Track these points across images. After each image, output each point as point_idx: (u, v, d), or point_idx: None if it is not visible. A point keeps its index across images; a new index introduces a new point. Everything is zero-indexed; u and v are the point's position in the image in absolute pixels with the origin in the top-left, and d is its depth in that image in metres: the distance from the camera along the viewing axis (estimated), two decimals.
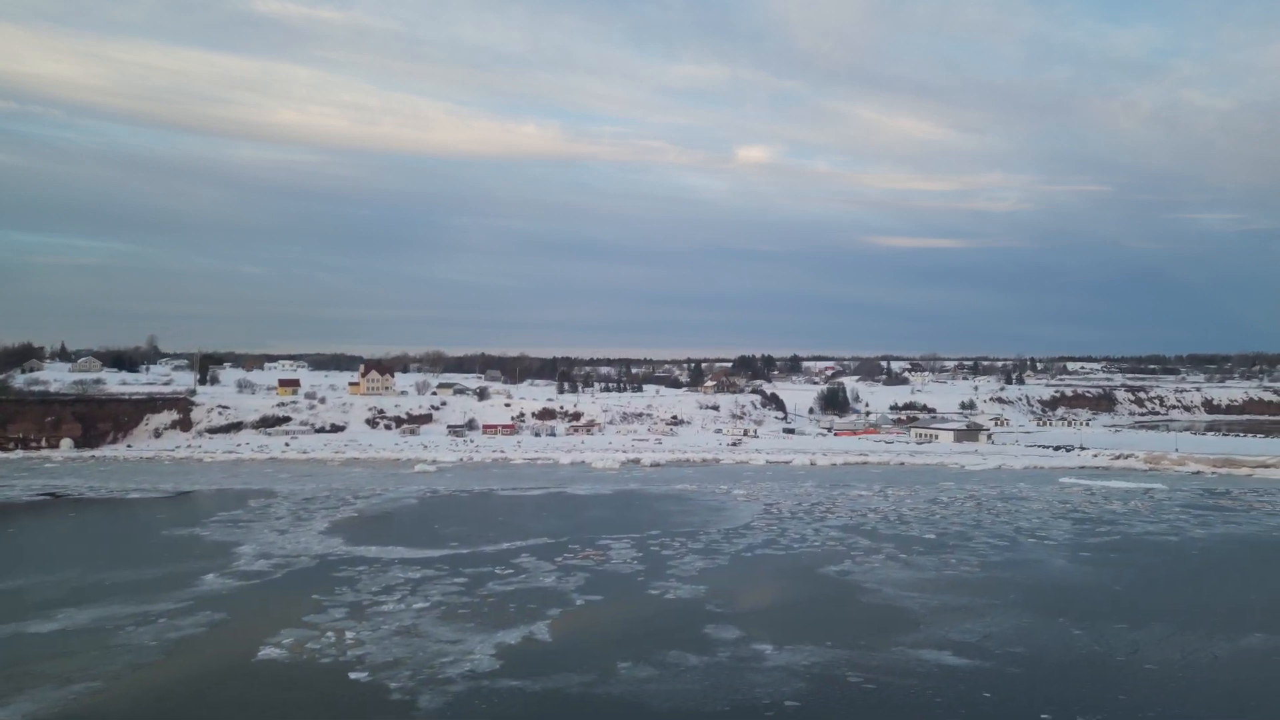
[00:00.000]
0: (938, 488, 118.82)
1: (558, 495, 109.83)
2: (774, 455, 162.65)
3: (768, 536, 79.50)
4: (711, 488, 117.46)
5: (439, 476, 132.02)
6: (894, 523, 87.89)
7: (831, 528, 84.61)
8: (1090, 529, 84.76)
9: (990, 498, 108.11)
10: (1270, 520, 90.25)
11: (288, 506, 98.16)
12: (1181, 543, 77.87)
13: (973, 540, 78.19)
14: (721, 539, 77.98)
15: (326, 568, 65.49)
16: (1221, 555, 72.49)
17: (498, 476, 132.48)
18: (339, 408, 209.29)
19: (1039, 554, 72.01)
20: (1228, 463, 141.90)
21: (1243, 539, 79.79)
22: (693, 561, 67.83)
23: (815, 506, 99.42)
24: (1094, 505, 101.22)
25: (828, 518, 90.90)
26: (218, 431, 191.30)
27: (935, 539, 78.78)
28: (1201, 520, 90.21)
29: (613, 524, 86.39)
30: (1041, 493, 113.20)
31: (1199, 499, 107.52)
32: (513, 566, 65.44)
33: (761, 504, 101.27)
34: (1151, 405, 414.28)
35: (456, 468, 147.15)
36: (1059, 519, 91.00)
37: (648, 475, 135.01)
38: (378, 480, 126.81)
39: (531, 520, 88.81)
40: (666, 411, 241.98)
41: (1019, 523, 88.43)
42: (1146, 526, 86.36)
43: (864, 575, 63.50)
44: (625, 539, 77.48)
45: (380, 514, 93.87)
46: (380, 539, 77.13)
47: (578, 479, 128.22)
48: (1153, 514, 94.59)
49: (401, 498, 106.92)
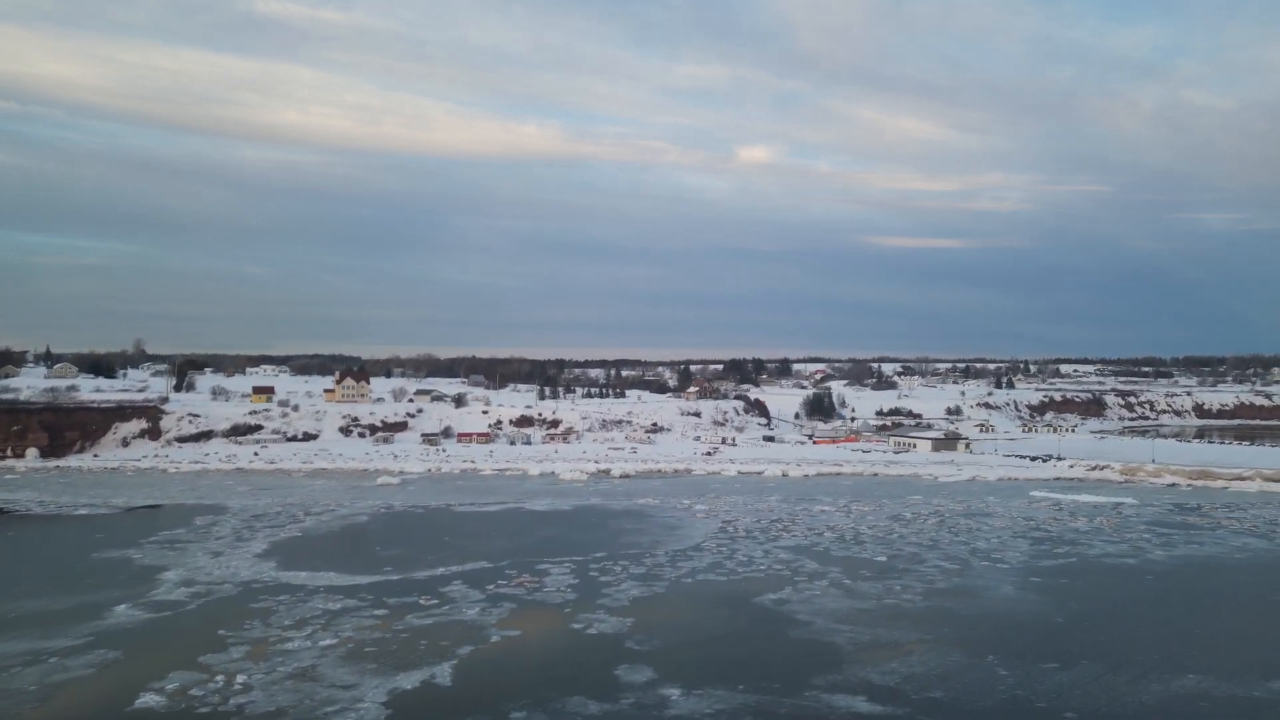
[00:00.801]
0: (904, 502, 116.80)
1: (514, 512, 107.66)
2: (747, 465, 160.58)
3: (715, 559, 77.39)
4: (674, 502, 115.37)
5: (400, 490, 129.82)
6: (848, 543, 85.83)
7: (783, 548, 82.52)
8: (1048, 550, 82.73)
9: (955, 514, 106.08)
10: (1234, 540, 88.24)
11: (233, 524, 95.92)
12: (1138, 566, 75.85)
13: (924, 563, 76.13)
14: (666, 563, 75.87)
15: (246, 597, 63.26)
16: (1176, 582, 70.46)
17: (461, 490, 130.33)
18: (312, 415, 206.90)
19: (988, 579, 69.94)
20: (1203, 474, 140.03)
21: (1202, 563, 77.76)
22: (628, 589, 65.69)
23: (773, 524, 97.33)
24: (1058, 523, 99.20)
25: (782, 537, 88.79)
26: (187, 440, 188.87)
27: (885, 562, 76.73)
28: (1164, 540, 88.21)
29: (560, 545, 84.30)
30: (1008, 508, 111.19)
31: (1167, 515, 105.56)
32: (439, 596, 63.25)
33: (719, 521, 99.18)
34: (1141, 410, 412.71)
35: (422, 479, 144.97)
36: (1018, 538, 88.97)
37: (614, 488, 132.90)
38: (337, 494, 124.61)
39: (478, 541, 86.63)
40: (647, 418, 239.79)
41: (977, 543, 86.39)
42: (1106, 547, 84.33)
43: (800, 605, 61.39)
44: (567, 562, 75.38)
45: (325, 533, 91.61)
46: (314, 563, 74.94)
47: (540, 493, 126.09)
48: (1116, 533, 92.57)
49: (354, 514, 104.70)
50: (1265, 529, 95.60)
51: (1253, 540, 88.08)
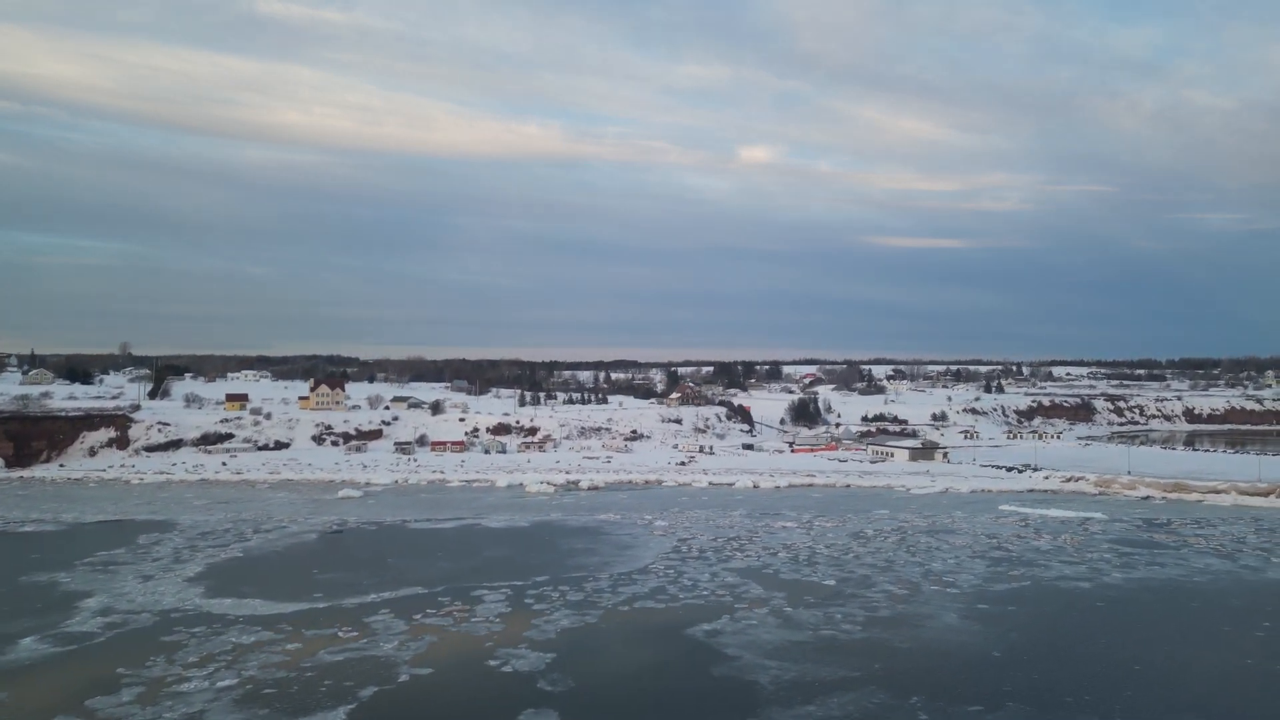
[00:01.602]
0: (869, 517, 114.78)
1: (469, 529, 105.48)
2: (719, 476, 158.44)
3: (659, 583, 75.25)
4: (636, 518, 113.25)
5: (359, 504, 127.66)
6: (800, 564, 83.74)
7: (732, 570, 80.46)
8: (1003, 573, 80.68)
9: (917, 530, 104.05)
10: (1197, 562, 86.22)
11: (176, 544, 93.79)
12: (1092, 591, 73.79)
13: (873, 588, 74.07)
14: (608, 588, 73.71)
15: (160, 629, 61.05)
16: (1127, 609, 68.42)
17: (422, 504, 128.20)
18: (285, 424, 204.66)
19: (934, 606, 67.86)
20: (1178, 487, 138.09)
21: (1159, 587, 75.73)
22: (559, 620, 63.54)
23: (730, 543, 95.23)
24: (1020, 541, 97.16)
25: (735, 558, 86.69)
26: (155, 450, 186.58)
27: (833, 586, 74.64)
28: (1125, 561, 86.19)
29: (505, 568, 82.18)
30: (973, 524, 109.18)
31: (1134, 532, 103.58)
32: (361, 627, 61.08)
33: (675, 539, 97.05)
34: (1131, 415, 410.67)
35: (386, 492, 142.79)
36: (976, 559, 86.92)
37: (578, 502, 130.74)
38: (295, 508, 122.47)
39: (421, 563, 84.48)
40: (627, 426, 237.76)
41: (932, 564, 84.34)
42: (1064, 569, 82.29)
43: (733, 637, 59.26)
44: (505, 588, 73.24)
45: (267, 554, 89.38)
46: (243, 589, 72.75)
47: (502, 507, 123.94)
48: (1077, 553, 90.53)
49: (304, 532, 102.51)
50: (1231, 548, 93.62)
51: (1215, 562, 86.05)
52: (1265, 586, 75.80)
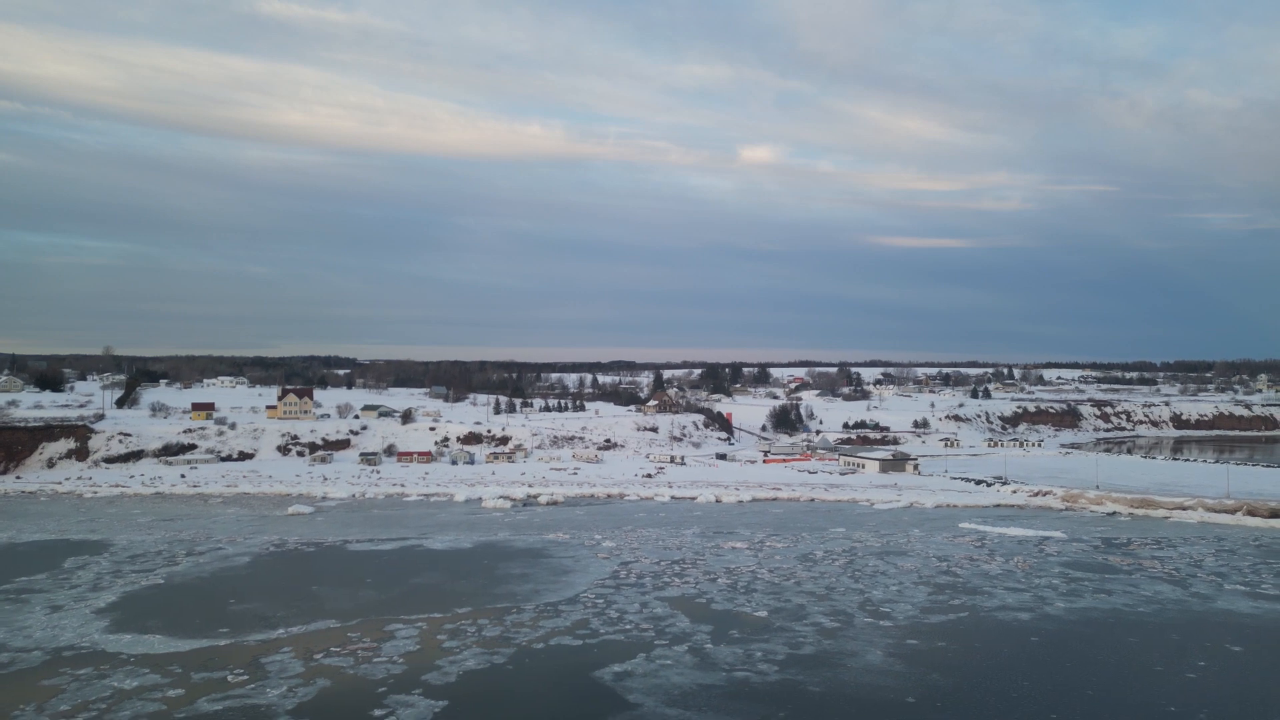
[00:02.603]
0: (824, 536, 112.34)
1: (409, 551, 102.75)
2: (683, 490, 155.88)
3: (583, 616, 72.61)
4: (585, 537, 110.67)
5: (307, 521, 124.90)
6: (737, 592, 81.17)
7: (664, 600, 77.88)
8: (944, 601, 78.19)
9: (868, 552, 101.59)
10: (1147, 589, 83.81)
11: (101, 568, 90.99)
12: (1030, 623, 71.27)
13: (804, 620, 71.51)
14: (529, 621, 71.02)
15: (45, 671, 58.25)
16: (1062, 644, 65.84)
17: (371, 521, 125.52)
18: (250, 433, 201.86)
19: (861, 642, 65.30)
20: (1145, 503, 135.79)
21: (1101, 619, 73.23)
22: (467, 659, 60.87)
23: (672, 566, 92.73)
24: (971, 565, 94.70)
25: (672, 585, 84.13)
26: (115, 461, 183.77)
27: (764, 618, 72.06)
28: (1072, 588, 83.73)
29: (429, 597, 79.56)
30: (927, 545, 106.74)
31: (1089, 554, 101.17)
32: (255, 669, 58.37)
33: (618, 563, 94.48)
34: (1118, 421, 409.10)
35: (339, 508, 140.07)
36: (920, 585, 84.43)
37: (532, 519, 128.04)
38: (240, 525, 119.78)
39: (344, 591, 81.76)
40: (601, 434, 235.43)
41: (873, 591, 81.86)
42: (1007, 597, 79.84)
43: (641, 680, 56.63)
44: (423, 620, 70.56)
45: (190, 581, 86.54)
46: (150, 622, 70.00)
47: (452, 525, 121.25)
48: (1025, 578, 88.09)
49: (239, 554, 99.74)
50: (1186, 572, 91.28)
51: (1166, 589, 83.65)
52: (1209, 619, 73.36)
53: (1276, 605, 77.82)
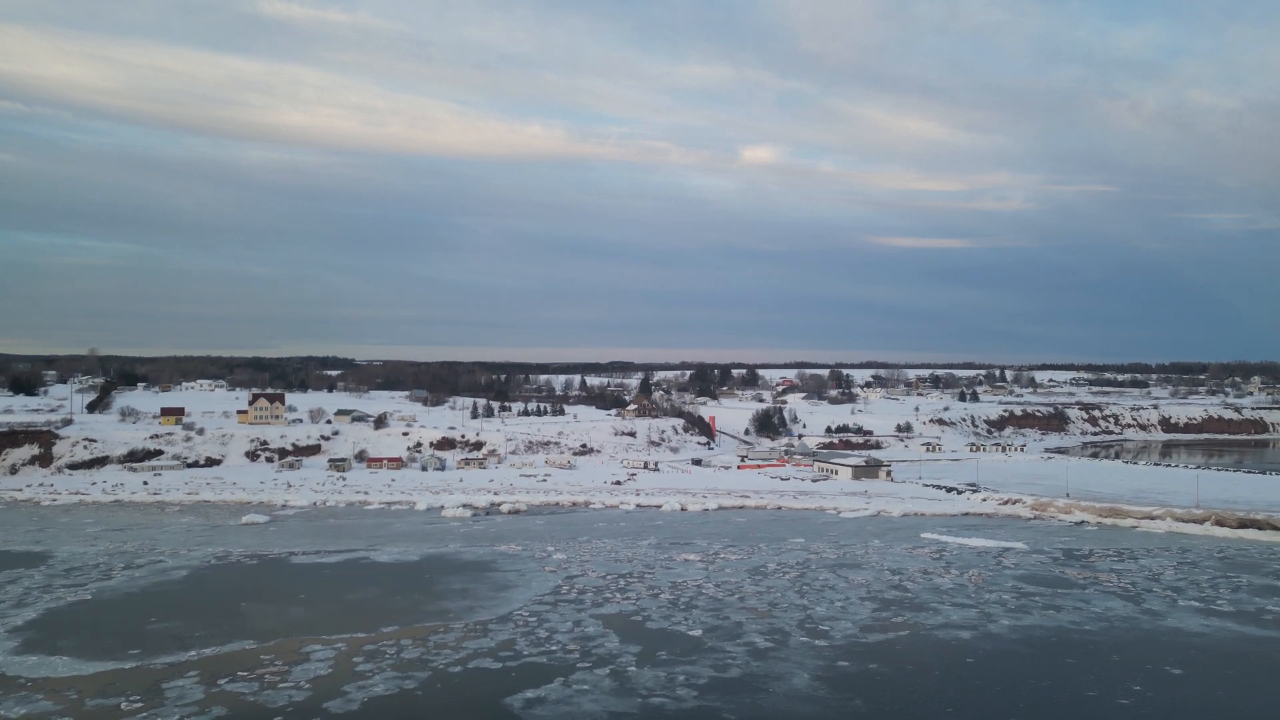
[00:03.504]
0: (781, 547, 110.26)
1: (353, 564, 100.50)
2: (650, 497, 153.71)
3: (511, 636, 70.33)
4: (537, 549, 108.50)
5: (258, 532, 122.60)
6: (677, 609, 79.02)
7: (599, 618, 75.74)
8: (887, 618, 76.12)
9: (822, 564, 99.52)
10: (1098, 605, 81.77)
11: (33, 583, 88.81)
12: (970, 643, 69.17)
13: (738, 639, 69.38)
14: (454, 641, 68.77)
15: None
16: (996, 667, 63.75)
17: (325, 531, 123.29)
18: (218, 439, 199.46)
19: (791, 664, 63.15)
20: (1113, 512, 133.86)
21: (1043, 638, 71.19)
22: (378, 684, 58.61)
23: (617, 580, 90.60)
24: (923, 579, 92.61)
25: (612, 600, 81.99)
26: (80, 467, 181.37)
27: (698, 638, 69.93)
28: (1022, 604, 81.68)
29: (358, 614, 77.34)
30: (884, 557, 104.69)
31: (1046, 567, 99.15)
32: (154, 696, 56.15)
33: (563, 577, 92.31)
34: (1105, 424, 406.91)
35: (297, 516, 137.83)
36: (866, 601, 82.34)
37: (488, 528, 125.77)
38: (188, 536, 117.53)
39: (273, 608, 79.54)
40: (577, 439, 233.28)
41: (817, 607, 79.78)
42: (952, 614, 77.78)
43: (553, 708, 54.44)
44: (344, 641, 68.30)
45: (118, 597, 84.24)
46: (61, 643, 67.74)
47: (405, 536, 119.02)
48: (976, 592, 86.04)
49: (178, 567, 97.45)
50: (1142, 586, 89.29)
51: (1118, 605, 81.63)
52: (1156, 638, 71.33)
53: (1227, 623, 75.88)
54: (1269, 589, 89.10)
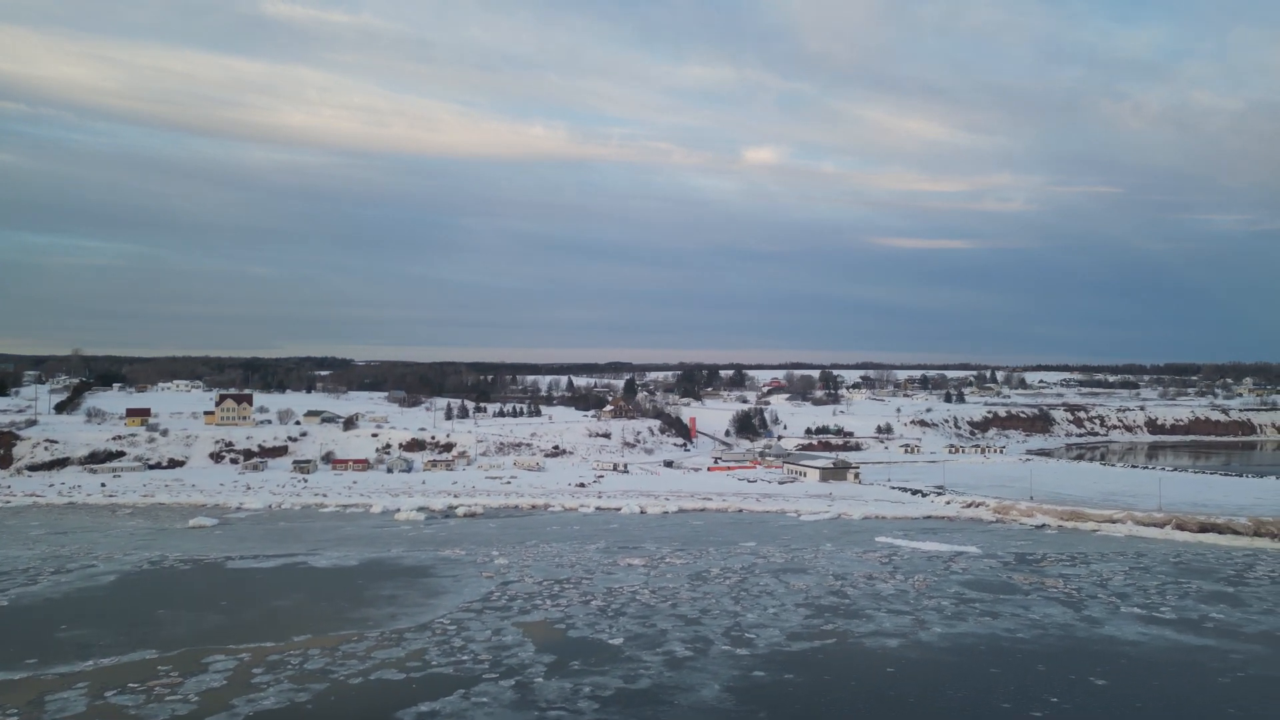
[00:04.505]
0: (731, 551, 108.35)
1: (289, 569, 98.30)
2: (611, 500, 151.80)
3: (425, 644, 68.23)
4: (480, 553, 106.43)
5: (203, 536, 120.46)
6: (605, 616, 77.02)
7: (521, 625, 73.74)
8: (817, 626, 74.18)
9: (768, 569, 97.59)
10: (1036, 611, 79.90)
11: None
12: (895, 651, 67.18)
13: (658, 648, 67.34)
14: (363, 651, 66.69)
15: None
16: (913, 677, 61.74)
17: (271, 535, 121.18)
18: (182, 440, 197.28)
19: (705, 675, 61.13)
20: (1074, 515, 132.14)
21: (971, 646, 69.27)
22: (269, 697, 56.26)
23: (555, 585, 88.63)
24: (865, 584, 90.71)
25: (541, 607, 79.99)
26: (39, 469, 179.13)
27: (618, 645, 67.89)
28: (960, 611, 79.79)
29: (276, 621, 75.35)
30: (833, 561, 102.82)
31: (995, 572, 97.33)
32: (34, 709, 53.95)
33: (499, 582, 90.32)
34: (1091, 426, 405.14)
35: (248, 519, 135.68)
36: (801, 607, 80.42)
37: (438, 532, 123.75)
38: (130, 540, 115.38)
39: (189, 615, 77.33)
40: (550, 441, 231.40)
41: (749, 613, 77.87)
42: (886, 621, 75.88)
43: None
44: (248, 651, 66.19)
45: (36, 603, 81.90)
46: None
47: (350, 540, 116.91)
48: (916, 599, 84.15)
49: (107, 572, 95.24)
50: (1087, 592, 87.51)
51: (1057, 612, 79.76)
52: (1088, 646, 69.45)
53: (1165, 631, 74.13)
54: (1217, 595, 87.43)
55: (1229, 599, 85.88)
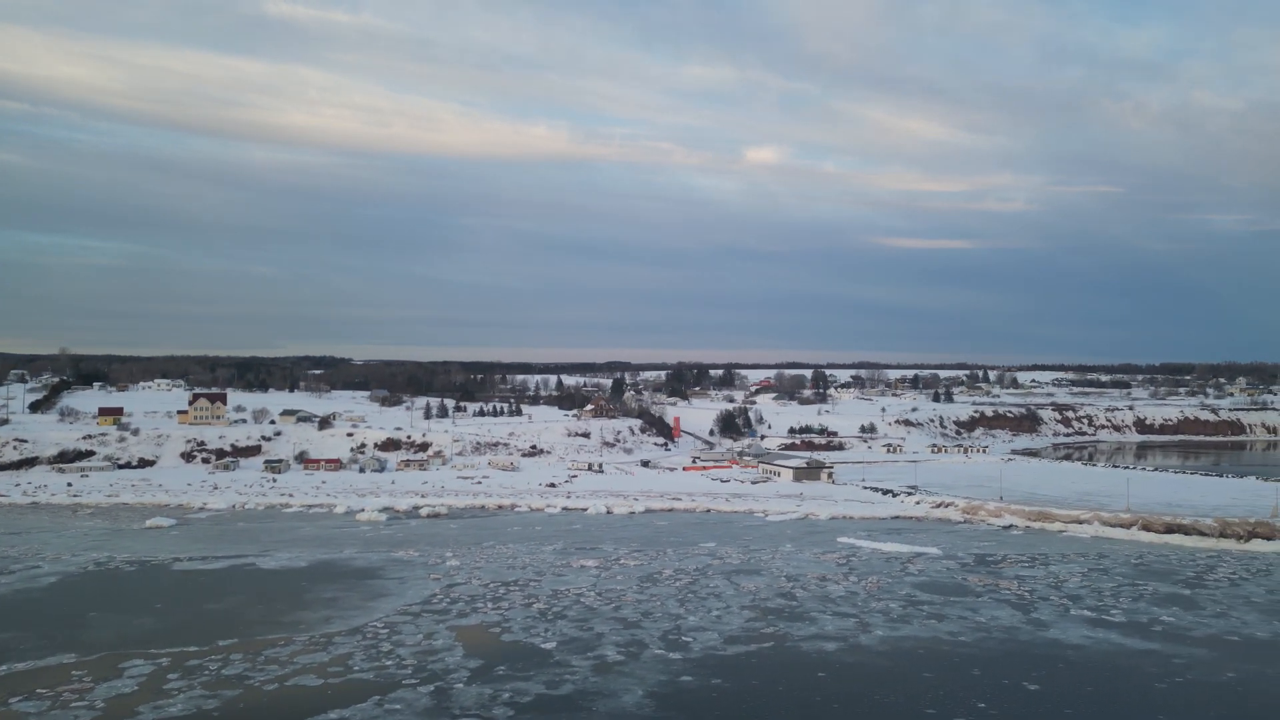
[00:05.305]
0: (689, 551, 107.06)
1: (234, 571, 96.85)
2: (580, 500, 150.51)
3: (352, 649, 66.82)
4: (437, 553, 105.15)
5: (159, 536, 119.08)
6: (544, 619, 75.66)
7: (455, 629, 72.40)
8: (756, 629, 72.86)
9: (722, 570, 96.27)
10: (984, 614, 78.62)
11: None
12: (831, 656, 65.76)
13: (589, 652, 65.94)
14: (288, 655, 65.29)
15: None
16: (841, 682, 60.44)
17: (228, 535, 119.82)
18: (153, 440, 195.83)
19: (631, 679, 59.74)
20: (1042, 516, 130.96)
21: (909, 650, 67.94)
22: (176, 704, 54.79)
23: (501, 588, 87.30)
24: (817, 586, 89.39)
25: (482, 610, 78.64)
26: (7, 468, 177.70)
27: (550, 650, 66.45)
28: (906, 613, 78.53)
29: (211, 623, 73.91)
30: (790, 561, 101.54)
31: (951, 574, 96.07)
32: None
33: (445, 584, 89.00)
34: (1079, 425, 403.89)
35: (209, 519, 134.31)
36: (746, 609, 79.11)
37: (396, 533, 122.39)
38: (84, 540, 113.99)
39: (121, 618, 75.90)
40: (528, 440, 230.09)
41: (692, 616, 76.52)
42: (828, 624, 74.53)
43: None
44: (168, 655, 64.66)
45: None
46: None
47: (305, 541, 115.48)
48: (864, 601, 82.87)
49: (49, 574, 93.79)
50: (1040, 594, 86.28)
51: (1004, 615, 78.45)
52: (1029, 651, 68.16)
53: (1111, 634, 72.84)
54: (1172, 598, 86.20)
55: (1183, 601, 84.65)
